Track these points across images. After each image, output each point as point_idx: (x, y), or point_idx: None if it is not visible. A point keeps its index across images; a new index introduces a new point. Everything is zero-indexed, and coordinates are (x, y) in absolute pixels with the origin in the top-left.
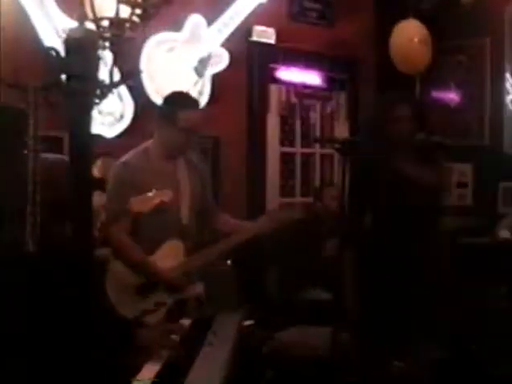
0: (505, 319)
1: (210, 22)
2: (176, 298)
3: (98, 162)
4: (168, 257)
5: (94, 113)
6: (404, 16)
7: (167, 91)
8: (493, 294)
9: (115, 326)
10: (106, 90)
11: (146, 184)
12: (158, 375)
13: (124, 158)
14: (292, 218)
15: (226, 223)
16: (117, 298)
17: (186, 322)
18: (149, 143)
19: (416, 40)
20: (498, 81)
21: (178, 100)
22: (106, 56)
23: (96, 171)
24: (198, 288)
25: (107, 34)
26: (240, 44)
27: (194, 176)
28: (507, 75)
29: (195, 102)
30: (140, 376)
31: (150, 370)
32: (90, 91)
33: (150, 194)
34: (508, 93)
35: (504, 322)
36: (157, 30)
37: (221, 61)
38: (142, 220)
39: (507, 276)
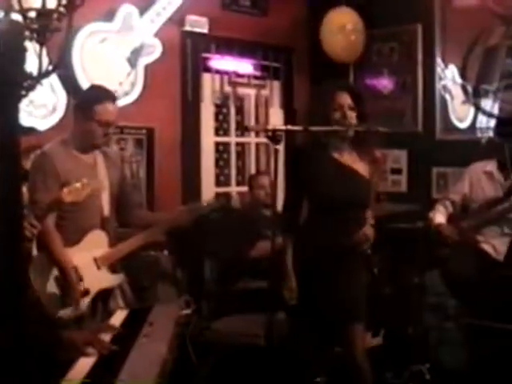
0: (440, 301)
1: (142, 12)
2: (99, 288)
3: (31, 155)
4: (93, 247)
5: (25, 105)
6: (336, 4)
7: (100, 82)
8: (427, 277)
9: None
10: (33, 81)
11: (67, 174)
12: (91, 371)
13: (43, 148)
14: (209, 208)
15: (143, 217)
16: (40, 287)
17: (121, 313)
18: (66, 135)
19: (348, 28)
20: (430, 67)
21: (95, 93)
22: (34, 47)
23: (29, 164)
24: (120, 278)
25: (34, 25)
26: (173, 34)
27: (112, 169)
28: (438, 60)
29: (112, 96)
30: (70, 375)
31: (80, 368)
32: (17, 83)
33: (80, 184)
34: (440, 78)
35: (439, 304)
36: (89, 21)
37: (154, 51)
38: (64, 211)
39: (440, 260)
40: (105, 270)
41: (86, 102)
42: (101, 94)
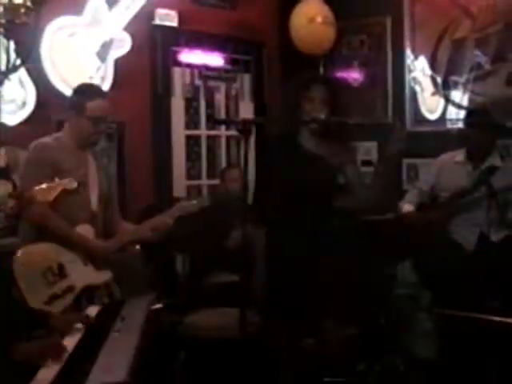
0: (411, 292)
1: (111, 6)
2: (84, 284)
3: (1, 151)
4: None
5: None
6: None
7: (70, 77)
8: (399, 268)
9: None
10: (1, 76)
11: (61, 165)
12: (64, 366)
13: (39, 140)
14: (198, 206)
15: (122, 227)
16: (26, 285)
17: (93, 308)
18: (60, 133)
19: (318, 20)
20: (400, 59)
21: (86, 90)
22: (2, 42)
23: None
24: (107, 275)
25: (1, 20)
26: (142, 27)
27: (101, 171)
28: (408, 52)
29: (102, 92)
30: (38, 376)
31: (48, 371)
32: None
33: (51, 184)
34: (409, 70)
35: (410, 294)
36: (57, 15)
37: (123, 45)
38: (51, 205)
39: (411, 250)
40: (91, 266)
41: (77, 100)
42: (91, 91)
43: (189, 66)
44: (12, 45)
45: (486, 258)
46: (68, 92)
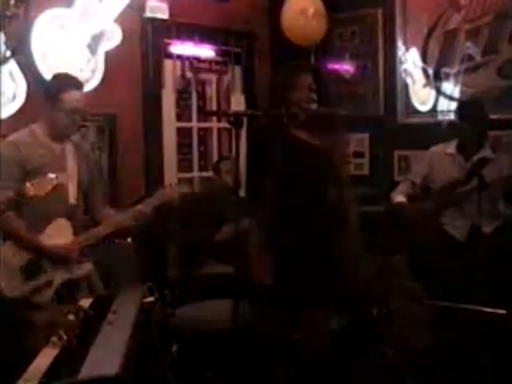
0: (403, 284)
1: None
2: (64, 278)
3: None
4: (57, 236)
5: None
6: None
7: (60, 69)
8: (390, 260)
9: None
10: None
11: (33, 162)
12: (54, 360)
13: (10, 138)
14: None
15: (107, 216)
16: (4, 280)
17: (85, 301)
18: (35, 125)
19: (310, 12)
20: (391, 51)
21: (61, 81)
22: None
23: None
24: (87, 267)
25: None
26: (133, 20)
27: (83, 161)
28: (399, 44)
29: (78, 83)
30: (27, 375)
31: (39, 366)
32: None
33: (44, 178)
34: (401, 62)
35: (402, 286)
36: (47, 6)
37: (114, 37)
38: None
39: (403, 241)
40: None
41: (52, 91)
42: (65, 82)
43: (180, 58)
44: (2, 37)
45: (477, 250)
46: None
